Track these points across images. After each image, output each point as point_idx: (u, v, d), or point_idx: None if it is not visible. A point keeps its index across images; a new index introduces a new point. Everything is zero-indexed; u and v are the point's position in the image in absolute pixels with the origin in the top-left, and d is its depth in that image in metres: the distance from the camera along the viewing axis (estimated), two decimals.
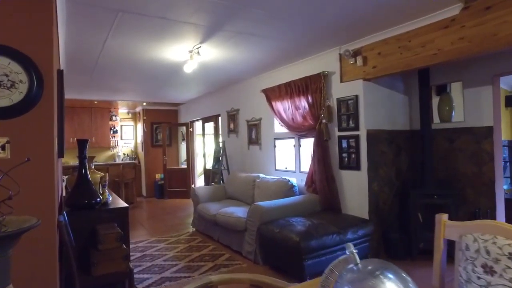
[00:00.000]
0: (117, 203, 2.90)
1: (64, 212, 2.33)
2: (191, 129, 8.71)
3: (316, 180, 4.27)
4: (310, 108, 4.42)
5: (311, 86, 4.40)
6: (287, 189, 4.30)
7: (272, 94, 5.18)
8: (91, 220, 2.55)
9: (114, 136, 9.26)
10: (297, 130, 4.68)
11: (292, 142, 4.99)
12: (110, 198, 2.85)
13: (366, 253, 3.65)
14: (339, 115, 4.14)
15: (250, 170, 5.79)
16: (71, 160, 8.51)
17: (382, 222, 3.95)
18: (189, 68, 4.25)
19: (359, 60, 3.85)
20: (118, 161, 9.11)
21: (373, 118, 3.96)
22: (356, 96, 3.93)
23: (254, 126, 5.77)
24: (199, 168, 9.00)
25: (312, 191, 4.35)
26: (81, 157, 2.62)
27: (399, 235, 3.89)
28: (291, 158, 5.07)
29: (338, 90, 4.17)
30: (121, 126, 9.54)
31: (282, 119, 4.96)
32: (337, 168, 4.19)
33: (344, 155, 4.10)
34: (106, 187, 2.86)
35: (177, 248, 4.38)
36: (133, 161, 8.98)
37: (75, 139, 8.40)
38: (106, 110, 9.04)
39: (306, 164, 4.89)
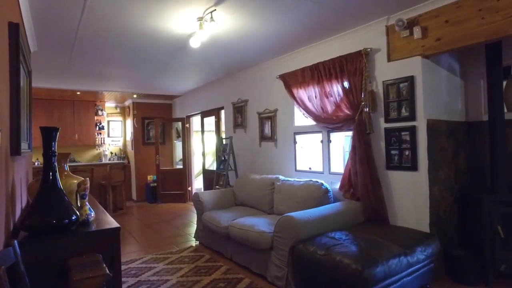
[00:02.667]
0: (103, 222, 1.98)
1: (15, 242, 1.41)
2: (187, 125, 7.77)
3: (356, 183, 3.42)
4: (346, 94, 3.57)
5: (348, 67, 3.55)
6: (321, 194, 3.44)
7: (293, 79, 4.31)
8: (61, 252, 1.63)
9: (100, 133, 8.25)
10: (328, 122, 3.82)
11: (318, 137, 4.13)
12: (93, 215, 1.93)
13: (431, 277, 2.81)
14: (386, 102, 3.30)
15: (262, 171, 4.91)
16: None
17: (443, 236, 3.13)
18: (196, 41, 3.35)
19: (417, 31, 3.01)
20: (105, 161, 8.10)
21: (433, 106, 3.13)
22: (412, 78, 3.09)
23: (267, 119, 4.89)
24: (196, 169, 8.07)
25: (350, 196, 3.50)
26: (47, 153, 1.70)
27: (466, 253, 3.07)
28: (317, 157, 4.21)
29: (385, 71, 3.33)
30: (108, 122, 8.53)
31: (307, 110, 4.09)
32: (383, 168, 3.35)
33: (394, 152, 3.26)
34: (87, 197, 1.94)
35: (180, 270, 3.46)
36: (122, 161, 7.98)
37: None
38: (91, 104, 8.02)
39: (337, 163, 4.05)
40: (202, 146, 7.14)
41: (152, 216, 6.35)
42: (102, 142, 8.28)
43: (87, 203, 1.95)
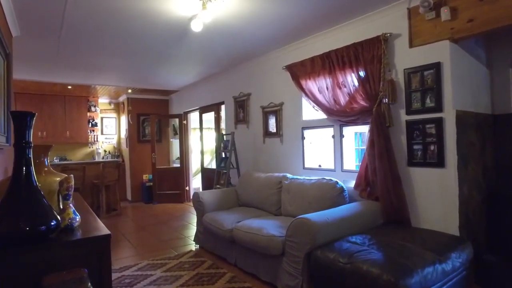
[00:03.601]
0: (91, 228, 1.65)
1: None
2: (185, 122, 7.42)
3: (374, 181, 3.10)
4: (362, 84, 3.26)
5: (364, 55, 3.24)
6: (336, 194, 3.12)
7: (301, 70, 3.99)
8: (36, 267, 1.29)
9: (93, 130, 7.87)
10: (341, 115, 3.50)
11: (329, 131, 3.81)
12: (78, 219, 1.60)
13: (462, 287, 2.50)
14: (408, 92, 2.99)
15: (266, 170, 4.59)
16: None
17: (473, 240, 2.82)
18: (198, 24, 3.02)
19: (445, 12, 2.70)
20: (98, 159, 7.72)
21: (461, 96, 2.83)
22: (438, 65, 2.78)
23: (272, 114, 4.57)
24: (194, 167, 7.72)
25: (368, 196, 3.18)
26: (19, 144, 1.35)
27: (497, 259, 2.77)
28: (327, 153, 3.89)
29: (406, 58, 3.02)
30: (102, 118, 8.15)
31: (317, 102, 3.78)
32: (404, 164, 3.04)
33: (416, 147, 2.95)
34: (71, 198, 1.60)
35: (180, 278, 3.13)
36: (116, 160, 7.60)
37: (44, 134, 7.02)
38: (84, 99, 7.64)
39: (350, 160, 3.73)
40: (201, 143, 6.80)
41: (148, 217, 5.99)
42: (95, 139, 7.90)
43: (71, 204, 1.61)
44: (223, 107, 5.94)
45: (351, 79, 3.41)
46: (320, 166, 4.03)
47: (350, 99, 3.42)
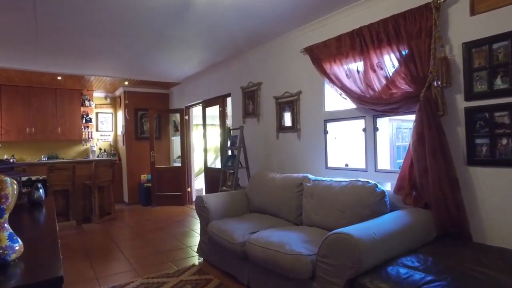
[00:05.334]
0: (38, 262, 1.04)
1: None
2: (186, 117, 6.81)
3: (422, 183, 2.48)
4: (405, 65, 2.64)
5: (407, 28, 2.62)
6: (376, 200, 2.49)
7: (324, 52, 3.37)
8: None
9: (88, 127, 7.26)
10: (376, 103, 2.88)
11: (359, 124, 3.19)
12: (17, 248, 0.99)
13: None
14: (468, 71, 2.37)
15: (280, 169, 3.98)
16: (29, 156, 6.53)
17: None
18: None
19: None
20: (93, 157, 7.11)
21: None
22: None
23: (288, 105, 3.95)
24: (196, 167, 7.11)
25: (414, 202, 2.56)
26: None
27: None
28: (356, 150, 3.27)
29: (466, 29, 2.40)
30: (97, 114, 7.54)
31: (345, 89, 3.16)
32: (462, 163, 2.42)
33: (480, 141, 2.33)
34: (5, 215, 0.99)
35: None
36: (109, 158, 6.97)
37: (33, 130, 6.42)
38: (77, 93, 7.03)
39: (384, 158, 3.12)
40: (204, 140, 6.18)
41: (145, 222, 5.38)
42: (90, 136, 7.29)
43: (5, 225, 1.01)
44: (229, 100, 5.33)
45: (390, 60, 2.79)
46: (347, 165, 3.41)
47: (388, 84, 2.80)
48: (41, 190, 2.18)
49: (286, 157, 4.00)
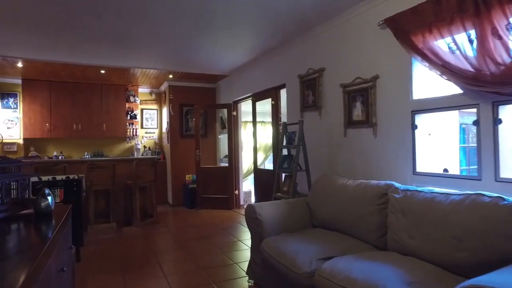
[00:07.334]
0: None
1: None
2: (234, 113, 6.23)
3: None
4: None
5: None
6: None
7: (414, 21, 2.56)
8: None
9: (132, 123, 7.00)
10: (500, 84, 2.02)
11: (468, 115, 2.34)
12: None
13: None
14: None
15: (349, 174, 3.21)
16: (76, 153, 6.37)
17: None
18: None
19: None
20: (137, 155, 6.82)
21: None
22: None
23: (359, 94, 3.18)
24: (245, 167, 6.52)
25: None
26: None
27: None
28: (460, 150, 2.42)
29: None
30: (142, 110, 7.26)
31: (447, 67, 2.32)
32: None
33: None
34: None
35: None
36: (152, 157, 6.60)
37: (79, 126, 6.24)
38: (122, 88, 6.79)
39: (509, 162, 2.23)
40: (254, 138, 5.56)
41: (188, 228, 4.88)
42: (135, 133, 7.02)
43: None
44: (283, 92, 4.65)
45: None
46: (446, 170, 2.56)
47: None
48: (49, 198, 1.67)
49: (357, 159, 3.22)
